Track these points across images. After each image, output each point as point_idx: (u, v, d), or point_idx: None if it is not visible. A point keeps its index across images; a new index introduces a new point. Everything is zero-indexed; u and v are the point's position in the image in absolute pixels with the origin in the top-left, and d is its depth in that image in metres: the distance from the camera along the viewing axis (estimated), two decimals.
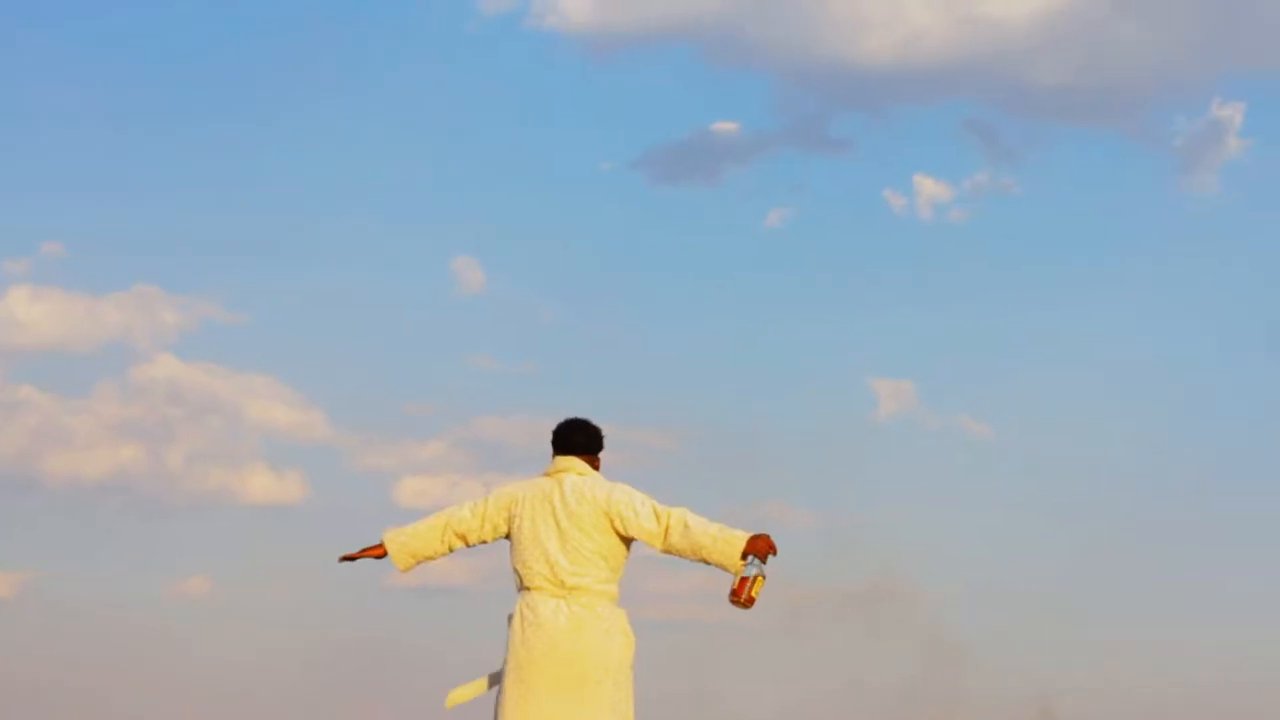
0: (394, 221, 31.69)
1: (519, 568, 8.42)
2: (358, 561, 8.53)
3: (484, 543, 8.56)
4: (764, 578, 8.08)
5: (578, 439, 8.59)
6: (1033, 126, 31.24)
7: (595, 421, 8.68)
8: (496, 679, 8.44)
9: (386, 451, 30.37)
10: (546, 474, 8.56)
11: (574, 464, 8.51)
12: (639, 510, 8.29)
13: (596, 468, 8.60)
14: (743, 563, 8.12)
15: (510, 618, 8.42)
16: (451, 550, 8.61)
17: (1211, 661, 25.66)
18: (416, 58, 32.12)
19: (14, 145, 31.64)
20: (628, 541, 8.42)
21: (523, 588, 8.40)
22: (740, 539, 8.14)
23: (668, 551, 8.29)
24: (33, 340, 29.89)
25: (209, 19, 32.04)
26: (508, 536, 8.53)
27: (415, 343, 31.46)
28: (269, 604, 26.82)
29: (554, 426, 8.65)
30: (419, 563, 8.64)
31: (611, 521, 8.32)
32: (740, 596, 8.06)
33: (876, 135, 31.52)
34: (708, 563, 8.20)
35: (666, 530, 8.24)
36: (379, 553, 8.64)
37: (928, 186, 30.13)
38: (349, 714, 24.54)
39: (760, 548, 8.10)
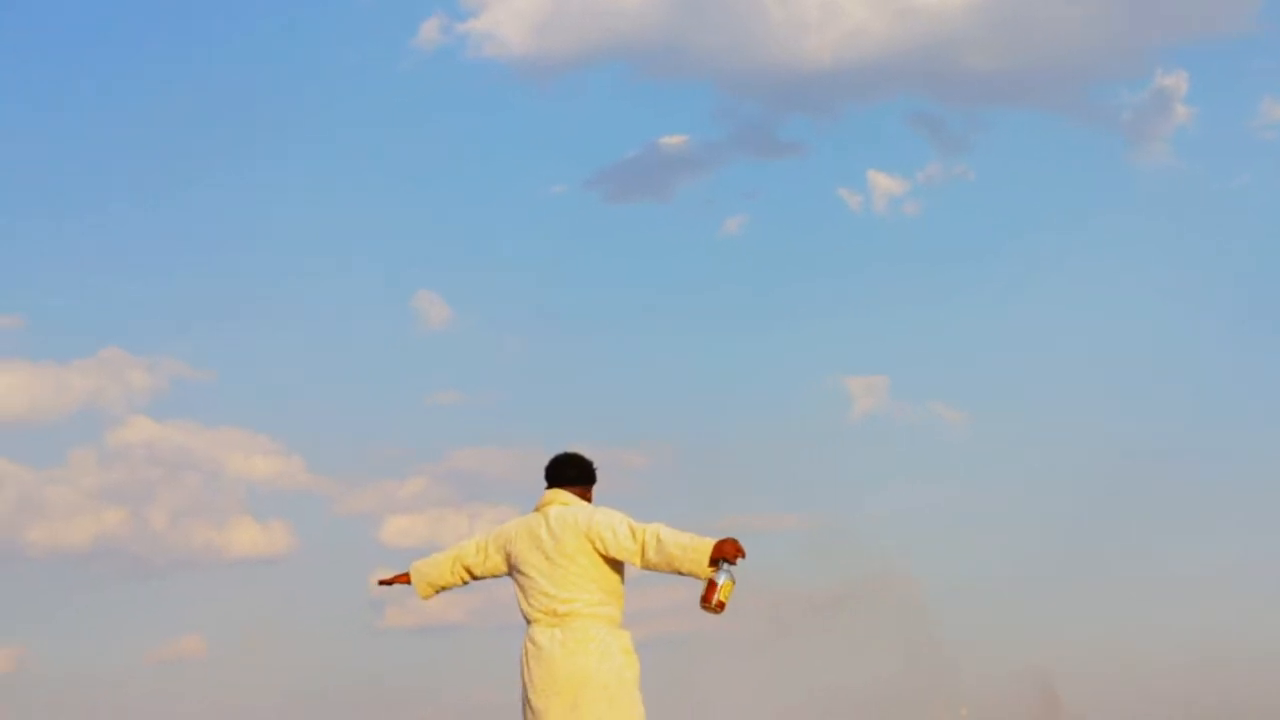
0: (351, 263, 31.81)
1: (520, 603, 8.62)
2: (383, 592, 9.05)
3: (491, 577, 8.78)
4: (733, 582, 8.17)
5: (569, 472, 8.74)
6: (978, 113, 31.41)
7: (586, 454, 8.83)
8: None
9: (367, 493, 30.40)
10: (536, 509, 8.72)
11: (559, 495, 8.66)
12: (617, 530, 8.41)
13: (588, 499, 8.74)
14: (712, 569, 8.20)
15: (521, 651, 8.62)
16: (465, 582, 8.88)
17: (1205, 636, 25.70)
18: (360, 102, 32.25)
19: None
20: (616, 564, 8.55)
21: (527, 621, 8.60)
22: (707, 545, 8.25)
23: (646, 568, 8.42)
24: (0, 413, 29.88)
25: (152, 87, 32.10)
26: (509, 573, 8.71)
27: (383, 382, 31.51)
28: (265, 656, 26.80)
29: (544, 460, 8.83)
30: (437, 591, 8.97)
31: (593, 544, 8.45)
32: (710, 602, 8.17)
33: (825, 135, 31.66)
34: (681, 573, 8.34)
35: (643, 547, 8.37)
36: (407, 579, 8.99)
37: (881, 182, 30.27)
38: None
39: (728, 552, 8.20)
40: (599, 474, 8.82)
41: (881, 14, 29.27)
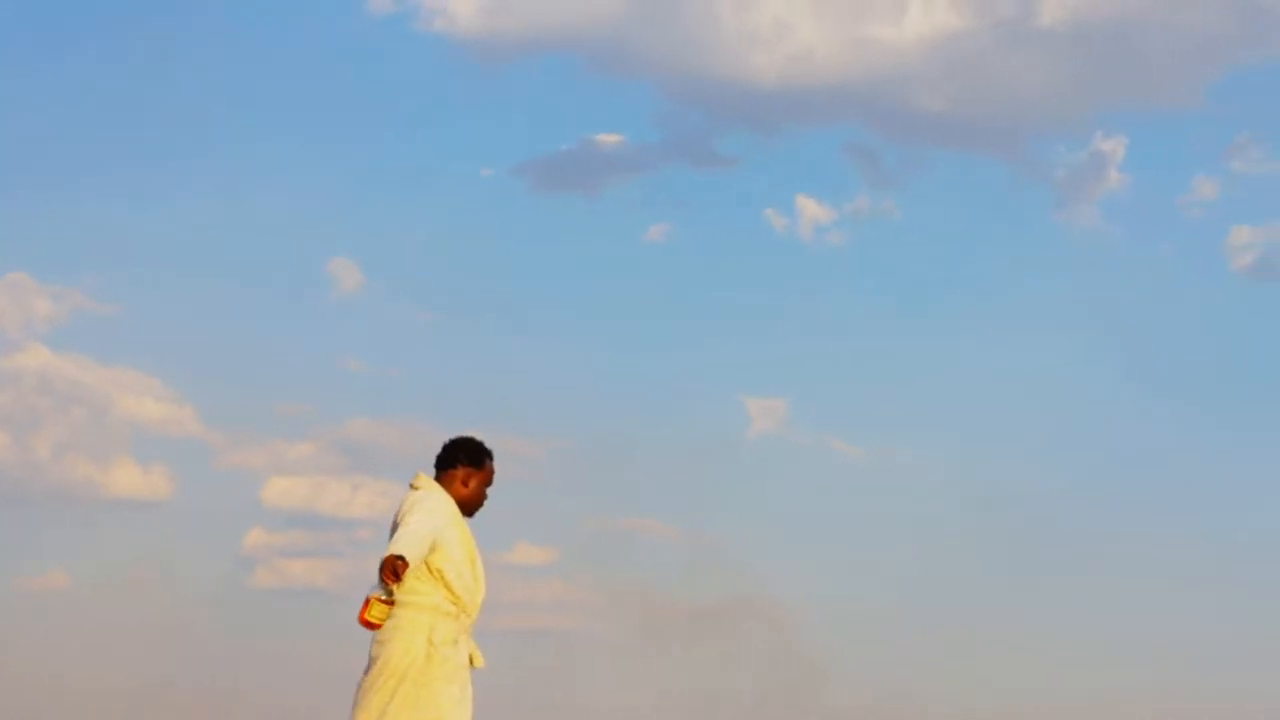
0: (272, 220, 31.56)
1: None
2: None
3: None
4: (384, 601, 7.84)
5: (438, 455, 8.60)
6: (915, 151, 31.52)
7: (471, 437, 8.64)
8: None
9: (255, 450, 30.21)
10: None
11: (417, 479, 8.53)
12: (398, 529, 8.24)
13: (461, 482, 8.54)
14: (381, 585, 7.88)
15: None
16: None
17: (1063, 676, 26.10)
18: (301, 55, 32.01)
19: None
20: (440, 556, 8.31)
21: None
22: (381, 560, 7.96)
23: None
24: None
25: (87, 8, 31.84)
26: None
27: (289, 342, 31.33)
28: (127, 600, 26.61)
29: (438, 439, 8.68)
30: None
31: None
32: (359, 616, 7.88)
33: (761, 154, 31.70)
34: None
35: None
36: None
37: (810, 208, 30.34)
38: (205, 714, 24.42)
39: (383, 571, 7.88)
40: (496, 462, 8.62)
41: (834, 40, 29.34)
